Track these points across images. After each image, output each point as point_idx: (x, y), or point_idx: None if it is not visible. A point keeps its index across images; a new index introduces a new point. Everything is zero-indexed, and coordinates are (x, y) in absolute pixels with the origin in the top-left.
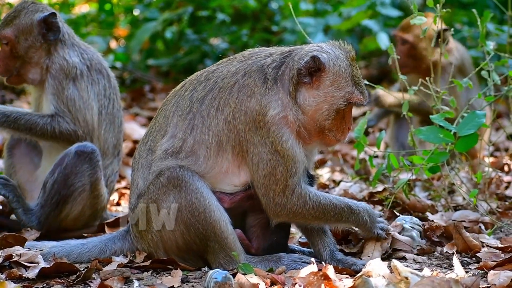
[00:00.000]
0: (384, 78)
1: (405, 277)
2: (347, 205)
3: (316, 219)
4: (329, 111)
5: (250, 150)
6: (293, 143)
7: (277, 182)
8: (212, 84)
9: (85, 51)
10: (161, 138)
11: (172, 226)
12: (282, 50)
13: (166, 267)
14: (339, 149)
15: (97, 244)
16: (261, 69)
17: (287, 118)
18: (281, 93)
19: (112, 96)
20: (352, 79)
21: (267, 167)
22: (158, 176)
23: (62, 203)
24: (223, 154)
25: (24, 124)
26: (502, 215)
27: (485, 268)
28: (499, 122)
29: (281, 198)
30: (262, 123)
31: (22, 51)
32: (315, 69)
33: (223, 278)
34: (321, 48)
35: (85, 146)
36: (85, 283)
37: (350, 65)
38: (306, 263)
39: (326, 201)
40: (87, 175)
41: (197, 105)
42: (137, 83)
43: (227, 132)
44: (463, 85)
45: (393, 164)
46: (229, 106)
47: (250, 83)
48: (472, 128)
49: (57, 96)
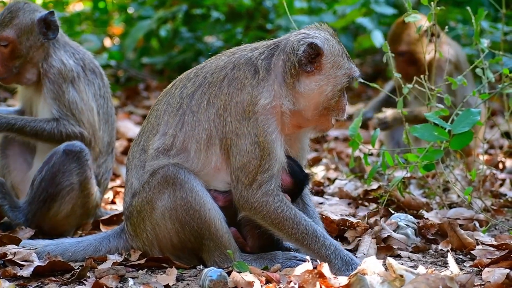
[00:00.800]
0: (379, 76)
1: (400, 274)
2: (313, 231)
3: (275, 227)
4: (334, 92)
5: (233, 142)
6: (276, 137)
7: (247, 174)
8: (202, 80)
9: (76, 50)
10: (153, 137)
11: (167, 224)
12: (266, 43)
13: (161, 265)
14: (334, 147)
15: (91, 243)
16: (250, 61)
17: (277, 108)
18: (276, 85)
19: (106, 94)
20: (346, 55)
21: (243, 159)
22: (153, 175)
23: (49, 201)
24: (212, 148)
25: (30, 131)
26: (496, 213)
27: (479, 265)
28: (494, 119)
29: (247, 191)
30: (251, 113)
31: (24, 51)
32: (315, 55)
33: (218, 276)
34: (308, 35)
35: (74, 145)
36: (79, 281)
37: (338, 42)
38: (301, 261)
39: (290, 214)
40: (75, 174)
41: (187, 101)
42: (131, 81)
43: (217, 125)
44: (457, 83)
45: (388, 162)
46: (220, 100)
47: (240, 76)
48: (466, 126)
49: (58, 100)
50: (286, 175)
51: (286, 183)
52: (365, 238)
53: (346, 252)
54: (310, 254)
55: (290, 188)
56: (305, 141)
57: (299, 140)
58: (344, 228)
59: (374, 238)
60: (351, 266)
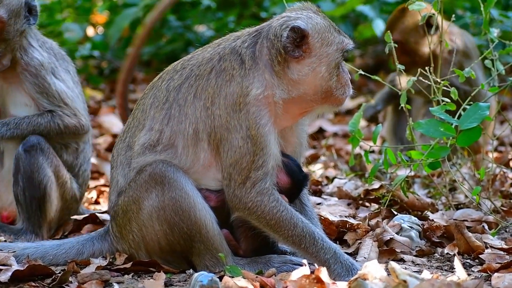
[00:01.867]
0: (381, 67)
1: (403, 280)
2: (311, 234)
3: (270, 228)
4: (329, 70)
5: (223, 137)
6: (270, 130)
7: (240, 172)
8: (188, 72)
9: (43, 40)
10: (139, 133)
11: (155, 225)
12: (249, 31)
13: (148, 269)
14: (333, 144)
15: (74, 245)
16: (234, 50)
17: (269, 98)
18: (266, 74)
19: (78, 81)
20: (334, 29)
21: (235, 155)
22: (140, 173)
23: (42, 205)
24: (200, 144)
25: (26, 127)
26: (506, 214)
27: (488, 270)
28: (504, 114)
29: (240, 190)
30: (242, 105)
31: (11, 34)
32: (300, 38)
33: (209, 281)
34: (290, 18)
35: (29, 141)
36: (61, 286)
37: (324, 17)
38: (298, 265)
39: (287, 215)
40: (46, 166)
41: (174, 94)
42: (116, 73)
43: (204, 119)
44: (464, 76)
45: (390, 159)
46: (207, 92)
47: (227, 67)
48: (474, 121)
49: (46, 93)
50: (283, 175)
51: (284, 183)
52: (366, 241)
53: (347, 256)
54: (308, 258)
55: (288, 189)
56: (302, 136)
57: (296, 135)
58: (344, 230)
59: (375, 241)
60: (351, 271)
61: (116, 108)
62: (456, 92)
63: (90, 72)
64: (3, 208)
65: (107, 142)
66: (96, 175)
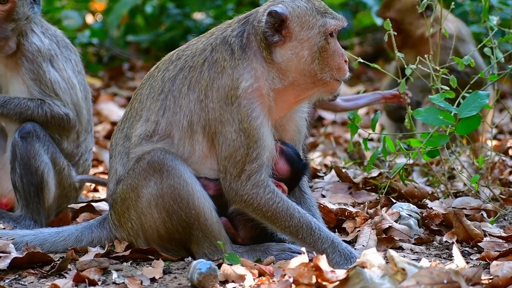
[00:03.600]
0: (380, 55)
1: (402, 268)
2: (308, 224)
3: (267, 220)
4: (312, 54)
5: (218, 130)
6: (262, 122)
7: (235, 165)
8: (183, 63)
9: (47, 27)
10: (136, 124)
11: (153, 213)
12: (239, 18)
13: (147, 257)
14: (332, 131)
15: (73, 233)
16: (225, 40)
17: (260, 90)
18: (254, 63)
19: (82, 70)
20: (318, 12)
21: (229, 148)
22: (138, 161)
23: (40, 191)
24: (195, 136)
25: (14, 108)
26: (505, 202)
27: (487, 258)
28: (503, 102)
29: (236, 183)
30: (233, 98)
31: (19, 16)
32: (278, 23)
33: (207, 269)
34: (274, 2)
35: (24, 128)
36: (60, 274)
37: (308, 1)
38: (297, 253)
39: (283, 206)
40: (43, 152)
41: (169, 85)
42: (115, 61)
43: (198, 112)
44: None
45: (389, 147)
46: (201, 85)
47: (218, 58)
48: (474, 110)
49: (39, 81)
50: (283, 163)
51: (283, 172)
52: (365, 229)
53: (345, 245)
54: (306, 247)
55: (287, 177)
56: (300, 123)
57: (293, 122)
58: (343, 218)
59: (374, 229)
60: (350, 259)
61: (115, 96)
62: (455, 81)
63: (89, 60)
64: (2, 195)
65: (106, 130)
66: (95, 163)
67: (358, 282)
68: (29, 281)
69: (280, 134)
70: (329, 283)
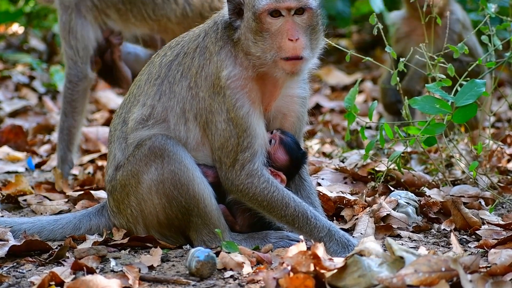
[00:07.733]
0: (378, 44)
1: (400, 256)
2: (304, 213)
3: (263, 209)
4: (252, 35)
5: (208, 119)
6: (249, 111)
7: (227, 155)
8: (179, 49)
9: None
10: (133, 108)
11: (154, 199)
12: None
13: (145, 245)
14: (330, 119)
15: (71, 220)
16: (215, 24)
17: (242, 78)
18: (230, 46)
19: None
20: None
21: (221, 138)
22: (139, 147)
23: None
24: (188, 123)
25: None
26: (503, 190)
27: (485, 246)
28: (501, 90)
29: (231, 173)
30: (219, 88)
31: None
32: (238, 8)
33: (205, 256)
34: None
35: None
36: (58, 262)
37: None
38: (295, 241)
39: (278, 196)
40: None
41: (165, 70)
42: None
43: (190, 100)
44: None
45: (387, 135)
46: (191, 72)
47: (208, 44)
48: (471, 98)
49: None
50: (282, 152)
51: (282, 161)
52: (363, 217)
53: (342, 233)
54: (303, 236)
55: (287, 166)
56: (299, 110)
57: (294, 110)
58: (341, 206)
59: (372, 217)
60: (347, 247)
61: None
62: (453, 69)
63: None
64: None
65: (104, 118)
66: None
67: (356, 270)
68: (27, 269)
69: (280, 122)
70: (327, 271)
